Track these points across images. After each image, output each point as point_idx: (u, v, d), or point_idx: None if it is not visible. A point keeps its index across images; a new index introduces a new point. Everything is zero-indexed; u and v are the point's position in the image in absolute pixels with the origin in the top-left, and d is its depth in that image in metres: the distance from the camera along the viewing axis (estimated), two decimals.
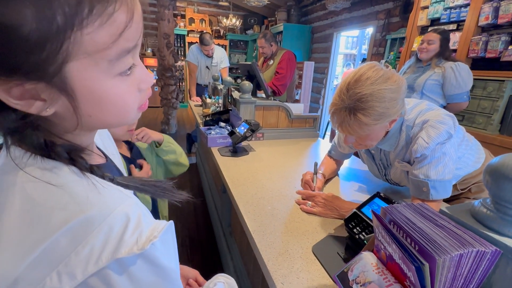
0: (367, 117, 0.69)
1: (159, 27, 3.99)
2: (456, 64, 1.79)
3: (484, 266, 0.32)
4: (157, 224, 0.30)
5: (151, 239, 0.27)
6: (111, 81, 0.29)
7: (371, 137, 0.77)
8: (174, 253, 0.33)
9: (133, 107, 0.33)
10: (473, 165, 0.91)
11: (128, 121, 0.34)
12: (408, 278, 0.35)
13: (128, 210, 0.28)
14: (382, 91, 0.68)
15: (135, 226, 0.27)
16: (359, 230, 0.64)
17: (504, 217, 0.34)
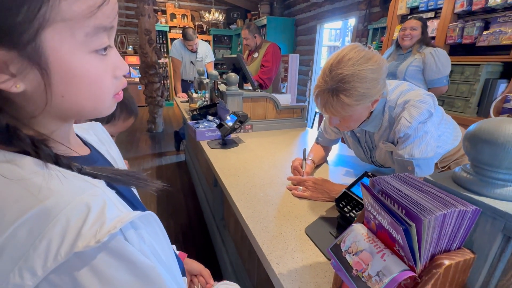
0: (349, 98, 0.71)
1: (139, 23, 3.88)
2: (435, 49, 1.85)
3: (466, 225, 0.34)
4: (126, 215, 0.27)
5: (110, 231, 0.24)
6: (87, 56, 0.28)
7: (354, 117, 0.79)
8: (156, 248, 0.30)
9: (109, 92, 0.32)
10: (451, 143, 0.95)
11: (103, 109, 0.33)
12: (397, 242, 0.37)
13: (90, 200, 0.26)
14: (363, 71, 0.70)
15: (96, 217, 0.25)
16: (350, 209, 0.66)
17: (483, 179, 0.36)
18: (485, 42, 1.90)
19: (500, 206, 0.33)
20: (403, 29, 1.98)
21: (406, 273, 0.34)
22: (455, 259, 0.34)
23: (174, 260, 0.36)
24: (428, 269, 0.34)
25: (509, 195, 0.34)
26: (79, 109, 0.30)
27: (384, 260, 0.37)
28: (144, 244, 0.29)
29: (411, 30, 1.92)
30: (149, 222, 0.31)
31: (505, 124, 0.33)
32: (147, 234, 0.30)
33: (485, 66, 1.86)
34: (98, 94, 0.31)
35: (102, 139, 0.47)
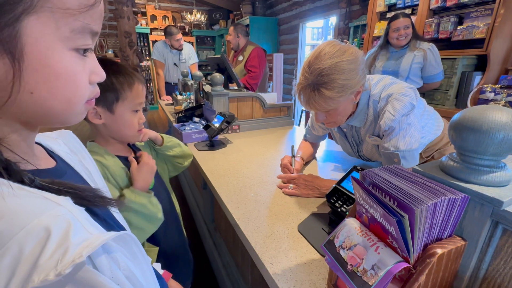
0: (330, 91, 0.72)
1: (118, 26, 3.77)
2: (431, 45, 1.88)
3: (456, 212, 0.35)
4: (96, 238, 0.23)
5: (74, 260, 0.20)
6: (67, 53, 0.26)
7: (339, 111, 0.80)
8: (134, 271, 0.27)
9: (83, 95, 0.30)
10: (434, 133, 0.98)
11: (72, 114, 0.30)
12: (390, 234, 0.36)
13: (50, 222, 0.22)
14: (340, 63, 0.71)
15: (58, 243, 0.21)
16: (341, 204, 0.67)
17: (469, 166, 0.36)
18: (460, 36, 1.97)
19: (487, 192, 0.33)
20: (396, 30, 1.91)
21: (400, 264, 0.34)
22: (447, 247, 0.34)
23: (155, 283, 0.34)
24: (422, 259, 0.34)
25: (495, 181, 0.35)
26: (47, 111, 0.27)
27: (378, 253, 0.37)
28: (118, 270, 0.25)
29: (405, 29, 1.88)
30: (126, 243, 0.28)
31: (489, 111, 0.34)
32: (123, 257, 0.26)
33: (460, 60, 1.94)
34: (71, 95, 0.28)
35: (73, 149, 0.43)
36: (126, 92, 0.69)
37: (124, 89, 0.69)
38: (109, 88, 0.67)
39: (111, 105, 0.68)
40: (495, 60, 1.87)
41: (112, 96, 0.68)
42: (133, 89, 0.70)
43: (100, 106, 0.67)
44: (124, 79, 0.68)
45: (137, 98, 0.72)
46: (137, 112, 0.74)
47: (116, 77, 0.67)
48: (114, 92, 0.67)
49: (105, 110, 0.68)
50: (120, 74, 0.68)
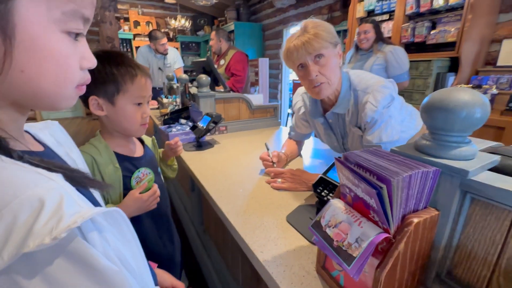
0: (322, 32, 0.80)
1: (100, 31, 3.71)
2: (393, 48, 2.03)
3: (429, 185, 0.38)
4: (88, 210, 0.24)
5: (70, 225, 0.21)
6: (59, 34, 0.27)
7: (329, 64, 0.84)
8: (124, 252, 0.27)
9: (73, 78, 0.30)
10: (415, 128, 1.03)
11: (63, 97, 0.30)
12: (371, 208, 0.39)
13: (44, 194, 0.22)
14: (323, 23, 0.83)
15: (52, 212, 0.22)
16: (327, 192, 0.69)
17: (439, 143, 0.40)
18: (434, 40, 2.10)
19: (456, 165, 0.37)
20: (358, 34, 2.17)
21: (381, 235, 0.37)
22: (423, 217, 0.37)
23: (145, 266, 0.34)
24: (400, 228, 0.37)
25: (462, 155, 0.38)
26: (36, 91, 0.27)
27: (361, 227, 0.39)
28: (109, 248, 0.25)
29: (365, 34, 2.12)
30: (116, 221, 0.28)
31: (454, 92, 0.37)
32: (112, 237, 0.27)
33: (435, 62, 2.06)
34: (61, 77, 0.29)
35: (60, 140, 0.43)
36: (127, 84, 0.68)
37: (125, 81, 0.68)
38: (110, 79, 0.66)
39: (112, 97, 0.68)
40: (466, 62, 2.00)
41: (113, 87, 0.67)
42: (135, 81, 0.69)
43: (101, 97, 0.67)
44: (126, 71, 0.68)
45: (140, 91, 0.71)
46: (140, 106, 0.72)
47: (118, 69, 0.67)
48: (114, 84, 0.67)
49: (106, 101, 0.68)
50: (123, 66, 0.68)
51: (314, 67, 0.83)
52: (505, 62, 1.96)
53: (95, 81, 0.63)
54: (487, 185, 0.34)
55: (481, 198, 0.36)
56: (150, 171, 0.81)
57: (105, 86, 0.66)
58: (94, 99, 0.67)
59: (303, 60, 0.82)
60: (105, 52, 0.68)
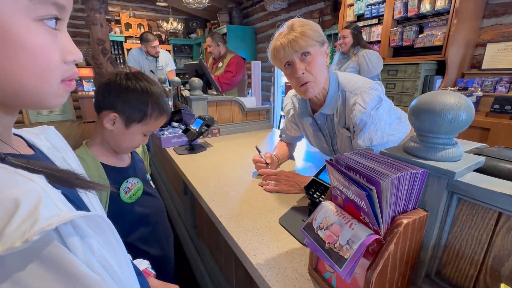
0: (309, 31, 0.81)
1: (91, 33, 3.65)
2: (367, 51, 2.11)
3: (417, 186, 0.39)
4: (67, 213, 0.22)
5: (43, 228, 0.20)
6: (32, 24, 0.25)
7: (315, 62, 0.84)
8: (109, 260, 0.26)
9: (55, 71, 0.28)
10: (404, 132, 1.05)
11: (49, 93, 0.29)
12: (362, 210, 0.39)
13: (21, 195, 0.21)
14: (309, 22, 0.84)
15: (26, 214, 0.21)
16: (319, 194, 0.69)
17: (427, 145, 0.41)
18: (421, 44, 2.16)
19: (443, 166, 0.37)
20: (339, 38, 2.28)
21: (372, 236, 0.37)
22: (412, 217, 0.38)
23: (132, 275, 0.33)
24: (390, 229, 0.37)
25: (448, 156, 0.39)
26: (18, 88, 0.26)
27: (352, 229, 0.39)
28: (91, 256, 0.24)
29: (343, 39, 2.22)
30: (100, 227, 0.27)
31: (440, 95, 0.38)
32: (97, 244, 0.25)
33: (423, 65, 2.11)
34: (42, 71, 0.27)
35: (56, 145, 0.42)
36: (151, 119, 0.73)
37: (151, 116, 0.72)
38: (140, 109, 0.70)
39: (130, 122, 0.71)
40: (452, 65, 2.05)
41: (137, 116, 0.70)
42: (158, 120, 0.75)
43: (121, 118, 0.70)
44: (157, 110, 0.72)
45: (155, 127, 0.76)
46: (145, 136, 0.77)
47: (153, 106, 0.71)
48: (141, 114, 0.70)
49: (122, 122, 0.70)
50: (156, 104, 0.72)
51: (301, 65, 0.84)
52: (489, 65, 2.02)
53: (126, 103, 0.67)
54: (473, 186, 0.35)
55: (468, 198, 0.37)
56: (139, 180, 0.80)
57: (133, 112, 0.69)
58: (114, 116, 0.69)
59: (290, 58, 0.83)
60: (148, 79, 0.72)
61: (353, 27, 2.22)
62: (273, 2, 3.91)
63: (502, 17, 1.96)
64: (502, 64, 1.96)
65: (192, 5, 4.12)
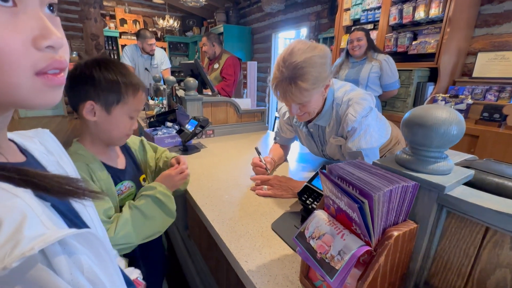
0: (306, 83, 0.78)
1: (84, 28, 3.59)
2: (386, 57, 2.08)
3: (408, 198, 0.39)
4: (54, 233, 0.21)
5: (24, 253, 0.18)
6: None
7: (311, 104, 0.85)
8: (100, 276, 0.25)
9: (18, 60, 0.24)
10: (385, 136, 1.08)
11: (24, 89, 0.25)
12: (354, 221, 0.40)
13: (3, 214, 0.20)
14: (313, 57, 0.78)
15: (9, 235, 0.19)
16: (312, 201, 0.70)
17: (419, 158, 0.41)
18: (415, 50, 2.19)
19: (433, 179, 0.38)
20: (350, 41, 2.15)
21: (363, 248, 0.38)
22: (402, 230, 0.38)
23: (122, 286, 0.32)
24: (381, 241, 0.38)
25: (440, 170, 0.40)
26: None
27: (344, 240, 0.40)
28: (78, 274, 0.23)
29: (358, 41, 2.11)
30: (90, 243, 0.26)
31: (432, 109, 0.39)
32: (87, 259, 0.25)
33: (416, 71, 2.14)
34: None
35: (51, 149, 0.40)
36: (129, 97, 0.69)
37: (128, 94, 0.69)
38: (114, 88, 0.66)
39: (110, 106, 0.67)
40: (445, 72, 2.09)
41: (114, 97, 0.67)
42: (136, 95, 0.71)
43: (99, 104, 0.66)
44: (130, 84, 0.68)
45: (138, 105, 0.72)
46: (132, 119, 0.73)
47: (124, 80, 0.67)
48: (117, 94, 0.67)
49: (102, 109, 0.67)
50: (127, 78, 0.68)
51: (295, 108, 0.87)
52: (479, 73, 2.07)
53: (96, 87, 0.64)
54: (461, 200, 0.36)
55: (456, 212, 0.37)
56: (133, 184, 0.80)
57: (107, 94, 0.66)
58: (91, 104, 0.65)
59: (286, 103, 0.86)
60: (110, 60, 0.68)
61: (365, 29, 2.13)
62: (270, 3, 3.91)
63: (493, 27, 2.01)
64: (492, 73, 2.00)
65: (189, 3, 4.09)
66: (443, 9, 1.96)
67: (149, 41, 2.87)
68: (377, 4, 2.46)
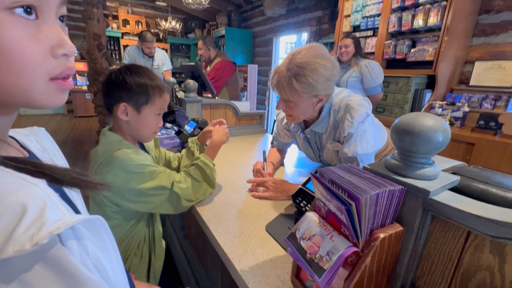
0: (298, 84, 0.79)
1: (87, 27, 3.62)
2: (368, 61, 2.14)
3: (395, 202, 0.41)
4: (70, 218, 0.23)
5: (52, 232, 0.21)
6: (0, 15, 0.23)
7: (298, 108, 0.86)
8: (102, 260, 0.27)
9: (36, 66, 0.26)
10: (381, 141, 1.09)
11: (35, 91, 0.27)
12: (342, 223, 0.41)
13: (27, 199, 0.22)
14: (317, 64, 0.78)
15: (34, 218, 0.21)
16: (305, 203, 0.71)
17: (407, 163, 0.43)
18: (413, 58, 2.22)
19: (419, 184, 0.40)
20: (339, 47, 2.26)
21: (350, 249, 0.39)
22: (389, 232, 0.40)
23: (123, 276, 0.33)
24: (368, 243, 0.39)
25: (426, 175, 0.41)
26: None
27: (333, 241, 0.41)
28: (86, 257, 0.25)
29: (345, 48, 2.21)
30: (96, 229, 0.28)
31: (419, 117, 0.41)
32: (92, 245, 0.26)
33: (414, 78, 2.17)
34: (18, 67, 0.25)
35: (45, 147, 0.42)
36: (156, 98, 0.78)
37: (154, 95, 0.78)
38: (143, 91, 0.76)
39: (140, 106, 0.77)
40: (442, 80, 2.12)
41: (143, 98, 0.76)
42: (162, 96, 0.80)
43: (130, 105, 0.76)
44: (157, 86, 0.78)
45: (163, 104, 0.82)
46: (159, 116, 0.83)
47: (151, 83, 0.77)
48: (146, 95, 0.76)
49: (133, 109, 0.77)
50: (154, 81, 0.78)
51: (281, 104, 0.88)
52: (476, 82, 2.10)
53: (129, 91, 0.74)
54: (445, 205, 0.37)
55: (440, 216, 0.39)
56: None
57: (138, 96, 0.75)
58: (124, 105, 0.75)
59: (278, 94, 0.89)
60: (139, 67, 0.78)
61: (353, 37, 2.23)
62: (272, 8, 3.95)
63: (491, 36, 2.04)
64: (488, 81, 2.03)
65: (192, 5, 4.13)
66: (441, 18, 1.99)
67: (148, 44, 2.89)
68: (376, 12, 2.50)
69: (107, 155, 0.72)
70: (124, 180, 0.71)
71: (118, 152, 0.72)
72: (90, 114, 5.46)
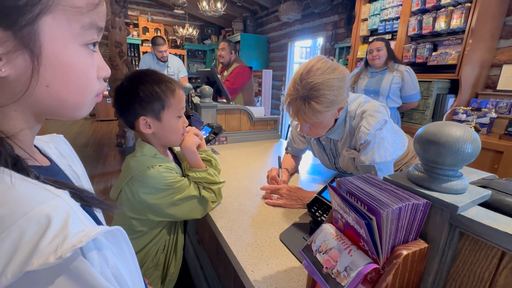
0: (320, 105, 0.76)
1: (109, 35, 3.79)
2: (408, 68, 2.02)
3: (419, 217, 0.38)
4: (92, 229, 0.24)
5: (75, 245, 0.21)
6: (79, 48, 0.29)
7: (323, 124, 0.85)
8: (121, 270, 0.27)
9: (93, 88, 0.32)
10: (401, 149, 1.04)
11: (83, 107, 0.32)
12: (361, 237, 0.39)
13: (51, 211, 0.23)
14: (331, 80, 0.76)
15: (58, 230, 0.22)
16: (321, 213, 0.69)
17: (431, 175, 0.40)
18: (435, 61, 2.13)
19: (446, 198, 0.37)
20: (370, 52, 2.09)
21: (370, 265, 0.37)
22: (412, 249, 0.37)
23: (141, 284, 0.33)
24: (389, 260, 0.37)
25: (453, 189, 0.38)
26: (60, 103, 0.29)
27: (351, 256, 0.39)
28: (106, 267, 0.26)
29: (378, 51, 2.05)
30: (116, 240, 0.28)
31: (445, 126, 0.38)
32: (112, 255, 0.27)
33: (435, 83, 2.08)
34: (83, 88, 0.31)
35: (63, 153, 0.44)
36: (170, 99, 0.74)
37: (167, 97, 0.73)
38: (155, 97, 0.72)
39: (159, 114, 0.73)
40: (466, 85, 2.02)
41: (159, 105, 0.73)
42: (175, 95, 0.75)
43: (149, 116, 0.73)
44: (166, 87, 0.73)
45: (180, 103, 0.77)
46: (180, 117, 0.79)
47: (159, 86, 0.72)
48: (160, 101, 0.72)
49: (153, 119, 0.74)
50: (161, 83, 0.73)
51: (306, 126, 0.86)
52: (504, 86, 1.98)
53: (141, 102, 0.70)
54: (475, 222, 0.34)
55: (470, 233, 0.36)
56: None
57: (152, 105, 0.72)
58: (143, 119, 0.72)
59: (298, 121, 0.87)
60: (140, 73, 0.74)
61: (385, 39, 2.09)
62: (287, 13, 3.96)
63: None
64: None
65: (208, 13, 4.22)
66: (465, 20, 1.91)
67: (159, 48, 2.96)
68: (395, 15, 2.44)
69: (140, 170, 0.71)
70: (156, 197, 0.72)
71: (151, 171, 0.71)
72: (111, 118, 5.68)
